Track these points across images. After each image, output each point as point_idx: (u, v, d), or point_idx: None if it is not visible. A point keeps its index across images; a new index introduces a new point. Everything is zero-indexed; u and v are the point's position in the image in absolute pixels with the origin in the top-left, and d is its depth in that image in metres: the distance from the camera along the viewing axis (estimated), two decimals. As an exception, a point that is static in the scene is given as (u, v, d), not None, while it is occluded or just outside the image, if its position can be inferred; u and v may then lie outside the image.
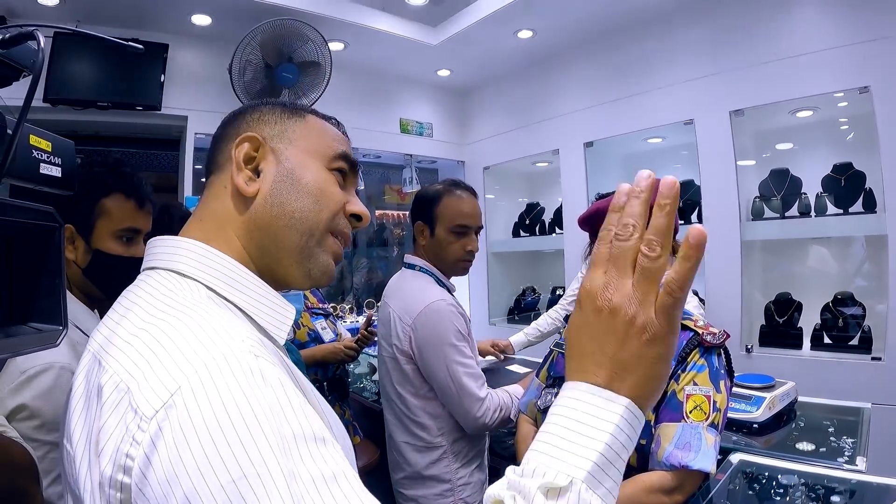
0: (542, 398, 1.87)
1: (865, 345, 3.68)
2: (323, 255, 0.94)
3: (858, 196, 3.79)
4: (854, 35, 3.56)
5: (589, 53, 4.97)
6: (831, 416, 2.42)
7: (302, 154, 0.94)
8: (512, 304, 6.14)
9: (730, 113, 4.07)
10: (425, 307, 2.05)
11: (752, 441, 2.18)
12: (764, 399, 2.27)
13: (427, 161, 6.16)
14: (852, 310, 3.83)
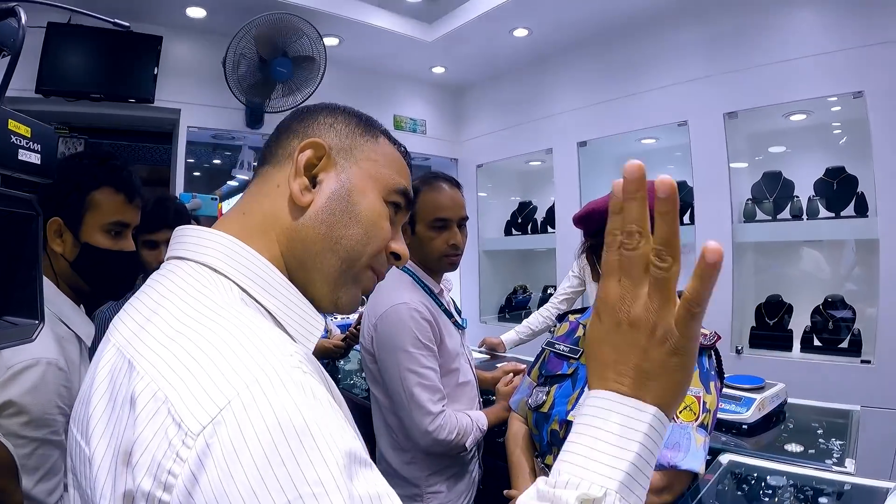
0: (533, 396, 1.85)
1: (855, 348, 3.70)
2: (355, 288, 0.90)
3: (850, 200, 3.81)
4: (849, 40, 3.57)
5: (584, 53, 4.97)
6: (820, 418, 2.42)
7: (364, 177, 0.90)
8: (503, 302, 6.12)
9: (724, 115, 4.08)
10: (387, 309, 1.98)
11: (742, 442, 2.17)
12: (754, 400, 2.26)
13: (420, 158, 6.13)
14: (842, 313, 3.83)
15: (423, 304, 2.01)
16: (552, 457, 1.71)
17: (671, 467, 1.50)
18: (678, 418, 1.55)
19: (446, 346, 2.06)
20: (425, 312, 1.99)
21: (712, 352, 1.69)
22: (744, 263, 4.27)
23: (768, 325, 4.08)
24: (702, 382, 1.60)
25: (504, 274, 6.19)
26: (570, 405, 1.70)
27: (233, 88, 4.20)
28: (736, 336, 4.09)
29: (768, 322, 4.09)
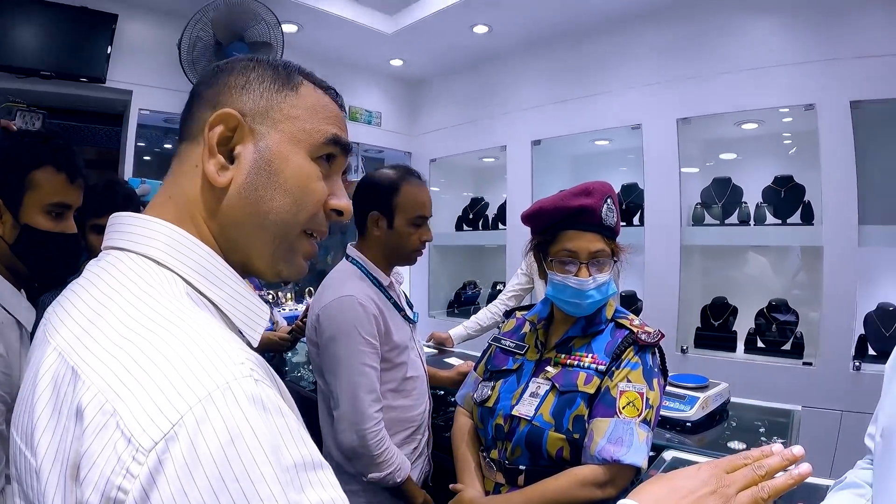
0: (478, 391, 1.85)
1: (798, 350, 3.82)
2: (295, 258, 0.86)
3: (797, 208, 3.94)
4: (803, 54, 3.70)
5: (542, 53, 5.00)
6: (763, 417, 2.46)
7: (285, 141, 0.82)
8: (452, 297, 6.14)
9: (677, 120, 4.16)
10: (333, 300, 1.93)
11: (686, 439, 2.20)
12: (697, 399, 2.29)
13: (374, 150, 6.10)
14: (786, 316, 3.96)
15: (370, 297, 1.97)
16: (497, 451, 1.72)
17: (614, 462, 1.51)
18: (621, 414, 1.56)
19: (393, 339, 2.02)
20: (370, 306, 1.94)
21: (656, 349, 1.71)
22: (691, 266, 4.35)
23: (713, 326, 4.18)
24: (645, 379, 1.61)
25: (454, 269, 6.20)
26: (515, 400, 1.71)
27: (187, 72, 4.09)
28: (682, 336, 4.17)
29: (713, 323, 4.19)
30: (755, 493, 0.81)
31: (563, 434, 1.60)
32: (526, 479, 1.64)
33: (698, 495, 0.80)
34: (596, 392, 1.62)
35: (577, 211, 1.65)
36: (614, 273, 1.79)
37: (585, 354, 1.69)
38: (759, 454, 0.85)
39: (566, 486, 1.54)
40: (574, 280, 1.66)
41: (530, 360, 1.79)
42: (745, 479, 0.82)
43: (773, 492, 0.81)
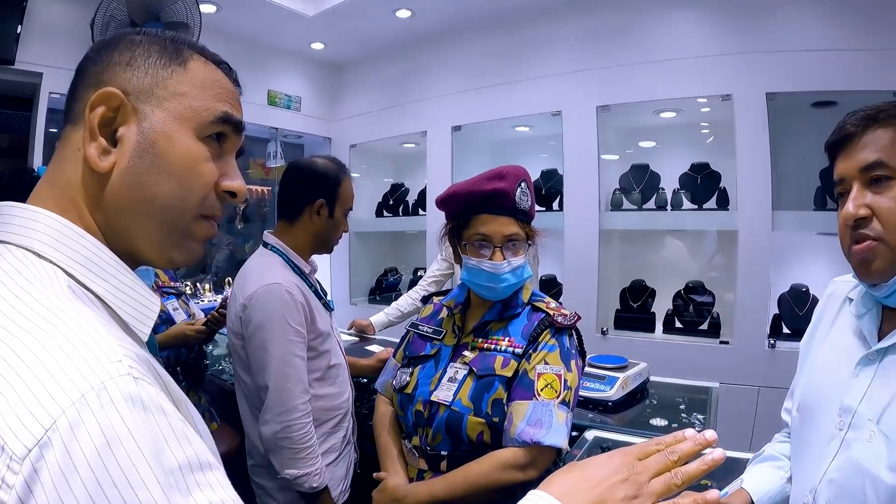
0: (397, 378, 1.83)
1: (714, 330, 3.97)
2: (189, 242, 0.81)
3: (713, 194, 4.08)
4: (721, 46, 3.82)
5: (464, 38, 4.98)
6: (682, 395, 2.54)
7: (171, 120, 0.76)
8: (374, 284, 6.09)
9: (596, 108, 4.22)
10: (259, 288, 1.88)
11: (607, 419, 2.25)
12: (617, 379, 2.34)
13: (293, 136, 5.97)
14: (703, 297, 4.11)
15: (295, 284, 1.94)
16: (418, 437, 1.70)
17: (534, 444, 1.51)
18: (540, 396, 1.56)
19: (318, 327, 2.00)
20: (297, 294, 1.91)
21: (573, 331, 1.72)
22: (610, 250, 4.45)
23: (632, 307, 4.30)
24: (562, 361, 1.62)
25: (375, 256, 6.15)
26: (433, 386, 1.70)
27: (101, 53, 3.92)
28: (602, 318, 4.26)
29: (632, 305, 4.30)
30: (668, 480, 0.79)
31: (482, 418, 1.60)
32: (448, 464, 1.63)
33: (609, 483, 0.78)
34: (514, 375, 1.62)
35: (491, 195, 1.64)
36: (533, 257, 1.79)
37: (502, 338, 1.69)
38: (672, 440, 0.84)
39: (487, 469, 1.53)
40: (488, 264, 1.66)
41: (448, 346, 1.77)
42: (657, 465, 0.80)
43: (686, 477, 0.79)
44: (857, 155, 1.12)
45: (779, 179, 3.68)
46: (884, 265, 1.09)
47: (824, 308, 1.41)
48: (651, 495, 0.78)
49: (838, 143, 1.17)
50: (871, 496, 1.07)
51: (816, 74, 3.51)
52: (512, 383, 1.61)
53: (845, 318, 1.30)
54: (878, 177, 1.09)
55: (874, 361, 1.16)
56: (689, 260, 4.50)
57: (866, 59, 3.40)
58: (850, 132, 1.13)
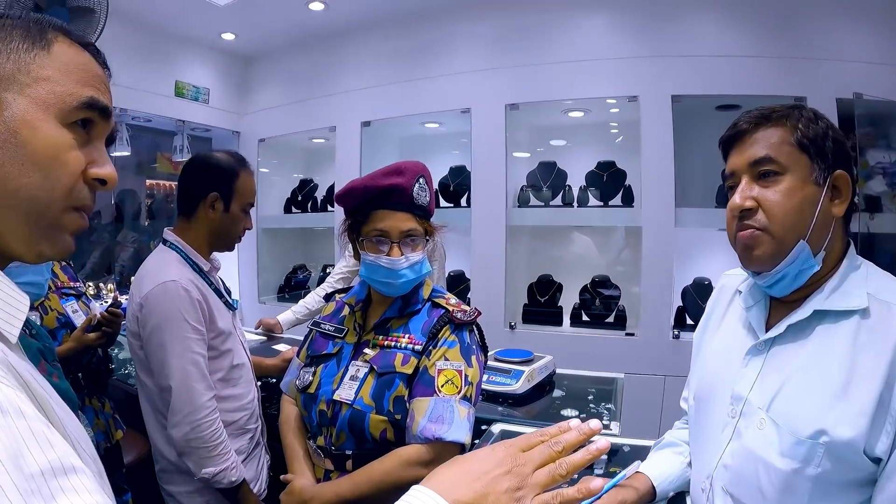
0: (300, 377, 1.80)
1: (621, 322, 4.11)
2: (59, 235, 0.76)
3: (618, 191, 4.21)
4: (630, 49, 3.94)
5: (377, 33, 4.94)
6: (590, 386, 2.61)
7: (34, 107, 0.72)
8: (283, 281, 6.01)
9: (505, 106, 4.27)
10: (155, 287, 1.83)
11: (514, 412, 2.28)
12: (523, 372, 2.38)
13: (201, 129, 5.77)
14: (609, 291, 4.23)
15: (192, 282, 1.89)
16: (323, 437, 1.69)
17: (436, 440, 1.52)
18: (441, 392, 1.57)
19: (218, 325, 1.95)
20: (194, 291, 1.86)
21: (473, 327, 1.74)
22: (518, 245, 4.52)
23: (540, 302, 4.36)
24: (463, 357, 1.63)
25: (283, 253, 6.04)
26: (336, 384, 1.68)
27: (3, 36, 3.69)
28: (510, 313, 4.32)
29: (540, 300, 4.37)
30: (553, 470, 0.79)
31: (384, 416, 1.59)
32: (354, 463, 1.62)
33: (492, 476, 0.77)
34: (414, 372, 1.62)
35: (388, 190, 1.63)
36: (434, 252, 1.78)
37: (402, 335, 1.69)
38: (557, 430, 0.83)
39: (391, 467, 1.53)
40: (386, 259, 1.65)
41: (349, 343, 1.76)
42: (541, 456, 0.80)
43: (571, 467, 0.79)
44: (747, 150, 1.17)
45: (682, 178, 3.80)
46: (766, 253, 1.15)
47: (716, 300, 1.47)
48: (535, 486, 0.77)
49: (732, 139, 1.22)
50: (764, 481, 1.12)
51: (721, 79, 3.67)
52: (413, 380, 1.61)
53: (735, 310, 1.36)
54: (766, 171, 1.15)
55: (763, 351, 1.21)
56: (597, 255, 4.62)
57: (768, 65, 3.59)
58: (743, 129, 1.19)
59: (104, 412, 2.45)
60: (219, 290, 2.05)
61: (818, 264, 1.15)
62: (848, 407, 1.04)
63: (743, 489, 1.17)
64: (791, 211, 1.12)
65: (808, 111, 1.17)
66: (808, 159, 1.13)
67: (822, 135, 1.14)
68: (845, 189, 1.15)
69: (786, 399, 1.13)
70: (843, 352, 1.08)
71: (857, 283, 1.15)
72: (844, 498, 1.07)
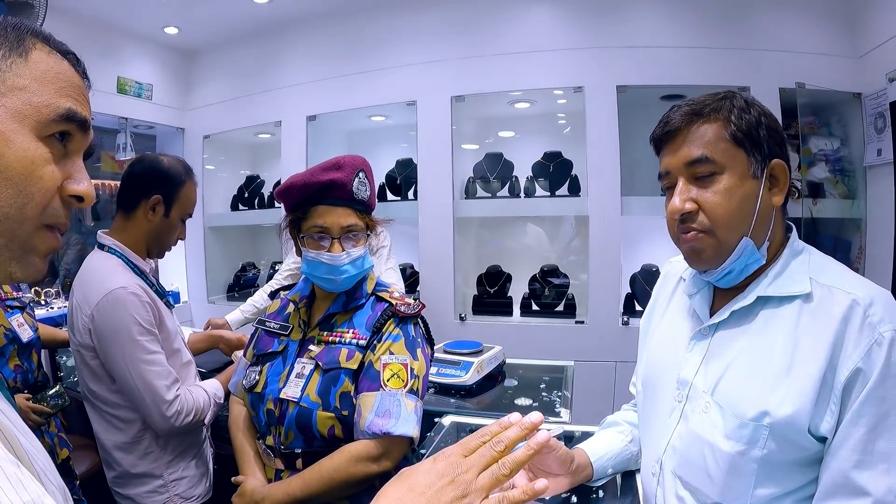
0: (247, 377, 1.78)
1: (570, 310, 4.15)
2: (31, 257, 0.71)
3: (565, 181, 4.25)
4: (574, 40, 3.98)
5: (320, 26, 4.89)
6: (541, 374, 2.65)
7: (8, 119, 0.67)
8: (231, 280, 5.94)
9: (451, 98, 4.27)
10: (103, 296, 1.80)
11: (466, 403, 2.30)
12: (472, 363, 2.40)
13: (144, 126, 5.59)
14: (558, 280, 4.27)
15: (138, 285, 1.86)
16: (272, 437, 1.68)
17: (384, 434, 1.52)
18: (387, 386, 1.57)
19: (167, 326, 1.94)
20: (143, 295, 1.84)
21: (418, 319, 1.75)
22: (466, 236, 4.53)
23: (490, 293, 4.39)
24: (408, 350, 1.64)
25: (231, 251, 5.95)
26: (282, 383, 1.67)
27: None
28: (459, 304, 4.34)
29: (489, 290, 4.40)
30: (495, 472, 0.80)
31: (331, 412, 1.59)
32: (304, 462, 1.61)
33: (436, 489, 0.78)
34: (360, 367, 1.62)
35: (327, 185, 1.62)
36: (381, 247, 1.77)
37: (347, 330, 1.68)
38: (498, 427, 0.85)
39: (341, 463, 1.53)
40: (327, 256, 1.64)
41: (294, 341, 1.75)
42: (482, 459, 0.81)
43: (514, 465, 0.80)
44: (681, 150, 1.16)
45: (628, 167, 3.86)
46: (713, 254, 1.15)
47: (661, 287, 1.48)
48: (480, 491, 0.78)
49: (664, 137, 1.20)
50: (711, 463, 1.13)
51: (665, 69, 3.74)
52: (358, 375, 1.61)
53: (680, 297, 1.37)
54: (702, 172, 1.13)
55: (707, 336, 1.22)
56: (546, 245, 4.66)
57: (713, 56, 3.68)
58: (676, 127, 1.17)
59: (49, 431, 2.40)
60: (159, 291, 2.02)
61: (763, 257, 1.15)
62: (791, 387, 1.05)
63: (691, 472, 1.18)
64: (733, 211, 1.12)
65: (739, 99, 1.16)
66: (744, 154, 1.12)
67: (756, 124, 1.13)
68: (783, 177, 1.15)
69: (730, 382, 1.14)
70: (785, 335, 1.09)
71: (799, 268, 1.15)
72: (791, 478, 1.09)
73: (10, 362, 2.38)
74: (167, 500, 1.91)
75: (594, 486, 1.46)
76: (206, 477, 2.05)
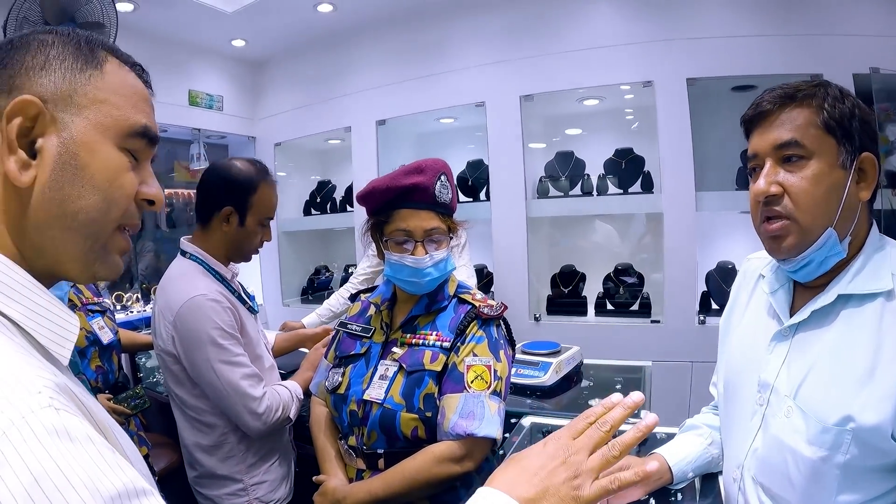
0: (329, 378, 1.81)
1: (645, 309, 4.06)
2: (111, 256, 0.78)
3: (638, 178, 4.16)
4: (642, 34, 3.89)
5: (387, 32, 4.93)
6: (617, 375, 2.60)
7: (91, 130, 0.73)
8: (305, 283, 6.03)
9: (520, 97, 4.24)
10: (184, 304, 1.84)
11: (544, 404, 2.28)
12: (550, 364, 2.37)
13: (216, 136, 5.79)
14: (632, 279, 4.20)
15: (219, 292, 1.90)
16: (354, 437, 1.69)
17: (468, 436, 1.52)
18: (470, 388, 1.57)
19: (248, 331, 1.97)
20: (223, 301, 1.88)
21: (500, 321, 1.73)
22: (539, 237, 4.49)
23: (564, 292, 4.34)
24: (491, 352, 1.63)
25: (305, 255, 6.05)
26: (365, 384, 1.69)
27: (14, 57, 3.73)
28: (534, 305, 4.31)
29: (563, 290, 4.35)
30: (605, 454, 0.82)
31: (415, 414, 1.60)
32: (386, 462, 1.63)
33: (548, 470, 0.81)
34: (443, 369, 1.62)
35: (410, 189, 1.63)
36: (463, 248, 1.79)
37: (430, 332, 1.69)
38: (602, 409, 0.87)
39: (423, 464, 1.54)
40: (410, 259, 1.64)
41: (377, 343, 1.76)
42: (591, 441, 0.83)
43: (623, 447, 0.82)
44: (772, 132, 1.14)
45: (701, 162, 3.76)
46: (794, 242, 1.12)
47: (740, 285, 1.45)
48: (590, 472, 0.81)
49: (754, 119, 1.18)
50: (792, 470, 1.10)
51: (735, 60, 3.62)
52: (442, 377, 1.61)
53: (760, 295, 1.33)
54: (791, 155, 1.11)
55: (787, 337, 1.19)
56: (618, 243, 4.58)
57: (783, 44, 3.53)
58: (767, 109, 1.15)
59: (129, 430, 2.47)
60: (241, 297, 2.06)
61: (844, 251, 1.12)
62: (874, 391, 1.02)
63: (772, 478, 1.16)
64: (818, 198, 1.09)
65: (834, 88, 1.13)
66: (834, 142, 1.10)
67: (849, 115, 1.10)
68: (871, 172, 1.12)
69: (812, 386, 1.11)
70: (868, 335, 1.06)
71: (881, 264, 1.12)
72: (873, 485, 1.06)
73: (91, 363, 2.48)
74: (246, 503, 1.95)
75: (673, 489, 1.43)
76: (286, 480, 2.07)
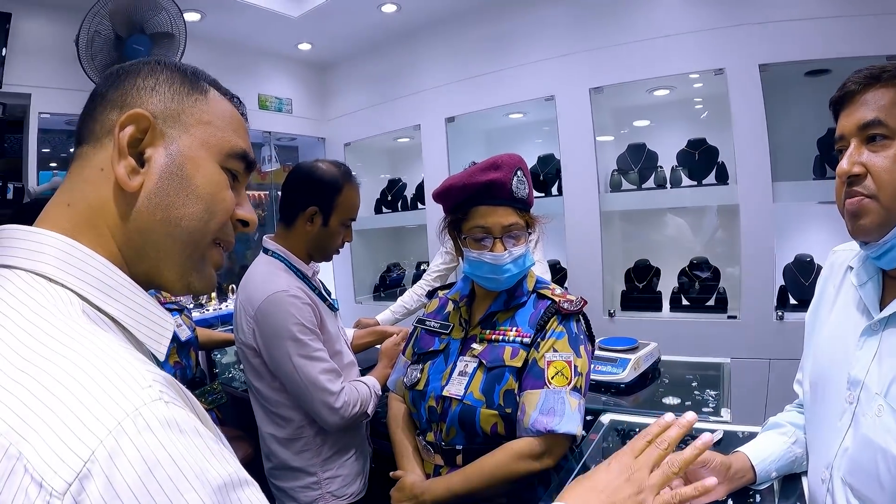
0: (408, 375, 1.83)
1: (722, 305, 3.96)
2: (206, 268, 0.83)
3: (711, 169, 4.05)
4: (711, 21, 3.77)
5: (452, 29, 4.95)
6: (694, 372, 2.54)
7: (197, 146, 0.79)
8: (377, 281, 6.10)
9: (589, 90, 4.18)
10: (265, 299, 1.88)
11: (621, 401, 2.25)
12: (629, 361, 2.34)
13: (286, 138, 5.94)
14: (708, 273, 4.09)
15: (300, 288, 1.93)
16: (433, 433, 1.70)
17: (548, 432, 1.51)
18: (551, 384, 1.56)
19: (327, 327, 2.00)
20: (303, 297, 1.91)
21: (580, 316, 1.72)
22: (612, 231, 4.43)
23: (638, 287, 4.27)
24: (571, 347, 1.62)
25: (376, 252, 6.13)
26: (444, 380, 1.69)
27: (87, 69, 3.86)
28: (608, 300, 4.25)
29: (638, 285, 4.28)
30: (666, 471, 0.92)
31: (495, 410, 1.59)
32: (464, 458, 1.63)
33: (613, 487, 0.91)
34: (523, 365, 1.61)
35: (487, 185, 1.63)
36: (536, 243, 1.79)
37: (510, 328, 1.68)
38: (658, 429, 0.97)
39: (503, 460, 1.54)
40: (489, 255, 1.64)
41: (456, 339, 1.77)
42: (650, 458, 0.93)
43: (682, 464, 0.92)
44: (856, 113, 1.12)
45: (776, 151, 3.64)
46: (874, 222, 1.09)
47: (827, 279, 1.40)
48: (653, 488, 0.91)
49: (841, 101, 1.17)
50: (883, 471, 1.06)
51: (808, 43, 3.47)
52: (522, 373, 1.61)
53: (848, 288, 1.29)
54: (875, 135, 1.09)
55: (877, 332, 1.15)
56: (692, 237, 4.48)
57: (858, 25, 3.36)
58: (852, 90, 1.13)
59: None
60: (322, 294, 2.09)
61: None
62: None
63: (862, 480, 1.11)
64: None
65: None
66: None
67: None
68: None
69: None
70: None
71: None
72: None
73: (170, 359, 2.59)
74: (319, 496, 1.97)
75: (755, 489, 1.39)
76: (361, 475, 2.09)
